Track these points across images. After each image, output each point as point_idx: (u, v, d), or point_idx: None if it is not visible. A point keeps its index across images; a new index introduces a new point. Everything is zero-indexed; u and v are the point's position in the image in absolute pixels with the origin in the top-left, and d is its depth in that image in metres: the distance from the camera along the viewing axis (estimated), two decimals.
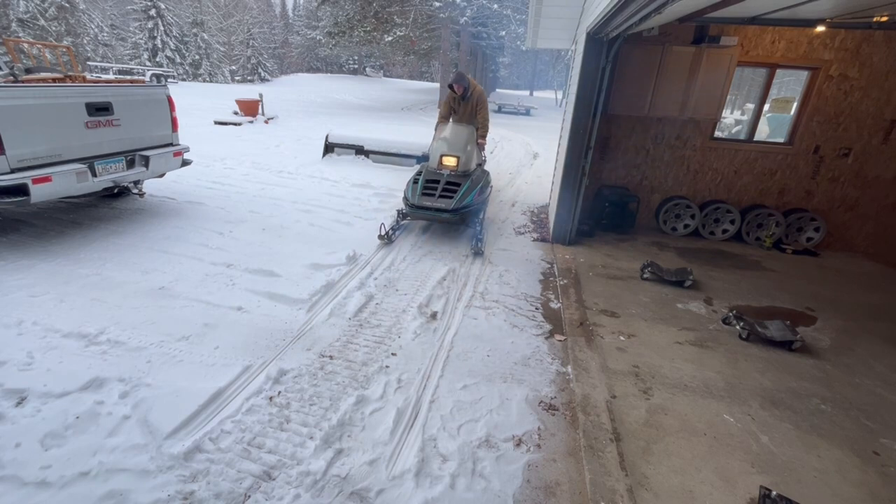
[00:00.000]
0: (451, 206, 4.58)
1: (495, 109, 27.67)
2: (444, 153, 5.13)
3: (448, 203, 4.61)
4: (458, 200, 4.64)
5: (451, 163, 5.05)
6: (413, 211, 4.74)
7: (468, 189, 4.80)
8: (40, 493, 1.83)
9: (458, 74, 5.60)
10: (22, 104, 3.71)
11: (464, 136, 5.29)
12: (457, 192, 4.72)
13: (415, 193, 4.78)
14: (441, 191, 4.76)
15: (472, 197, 4.77)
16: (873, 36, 4.72)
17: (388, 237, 4.78)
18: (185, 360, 2.71)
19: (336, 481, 1.99)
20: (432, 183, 4.89)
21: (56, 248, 4.09)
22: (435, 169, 5.12)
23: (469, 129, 5.39)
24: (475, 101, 5.69)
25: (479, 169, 5.50)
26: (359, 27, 23.81)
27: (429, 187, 4.85)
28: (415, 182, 4.97)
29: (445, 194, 4.73)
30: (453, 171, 5.01)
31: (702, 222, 5.66)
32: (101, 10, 36.38)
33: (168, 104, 5.10)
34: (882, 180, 5.25)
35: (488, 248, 4.99)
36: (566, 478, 2.11)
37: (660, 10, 2.68)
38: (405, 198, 4.89)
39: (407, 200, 4.83)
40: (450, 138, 5.30)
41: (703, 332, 3.45)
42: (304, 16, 50.78)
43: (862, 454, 2.31)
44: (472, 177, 5.00)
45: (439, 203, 4.62)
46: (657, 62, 4.89)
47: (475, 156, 5.41)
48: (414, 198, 4.74)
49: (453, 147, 5.21)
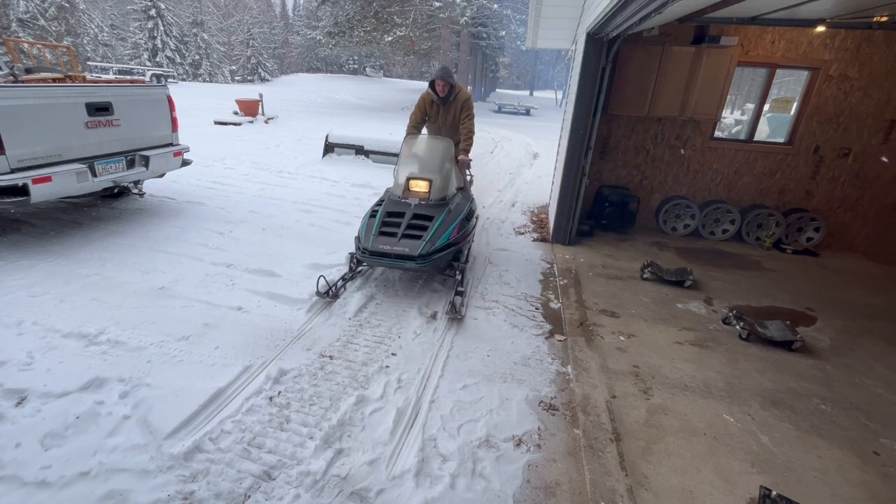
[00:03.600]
0: (419, 251, 3.36)
1: (495, 109, 27.67)
2: (412, 175, 3.92)
3: (414, 246, 3.39)
4: (429, 242, 3.43)
5: (422, 189, 3.86)
6: (366, 257, 3.49)
7: (443, 224, 3.60)
8: (40, 493, 1.83)
9: (444, 69, 4.43)
10: (22, 104, 3.71)
11: (439, 152, 4.15)
12: (427, 230, 3.51)
13: (369, 233, 3.55)
14: (406, 228, 3.53)
15: (449, 235, 3.55)
16: (873, 36, 4.72)
17: (331, 293, 3.57)
18: (185, 360, 2.70)
19: (336, 481, 1.99)
20: (395, 217, 3.66)
21: (56, 248, 4.09)
22: (400, 197, 3.86)
23: (446, 144, 4.21)
24: (459, 106, 4.52)
25: (461, 194, 4.25)
26: (359, 27, 23.82)
27: (389, 223, 3.61)
28: (372, 215, 3.74)
29: (412, 233, 3.51)
30: (424, 199, 3.80)
31: (702, 222, 5.66)
32: (101, 10, 36.38)
33: (168, 104, 5.10)
34: (882, 180, 5.25)
35: (487, 248, 4.96)
36: (566, 478, 2.11)
37: (660, 10, 2.68)
38: (357, 237, 3.66)
39: (359, 242, 3.59)
40: (421, 155, 4.24)
41: (703, 332, 3.45)
42: (304, 16, 50.79)
43: (862, 454, 2.31)
44: (449, 206, 3.82)
45: (402, 247, 3.40)
46: (657, 62, 4.89)
47: (454, 177, 4.18)
48: (367, 239, 3.49)
49: (425, 167, 4.10)
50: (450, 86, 4.44)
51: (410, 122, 4.68)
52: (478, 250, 4.88)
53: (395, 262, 3.42)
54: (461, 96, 4.52)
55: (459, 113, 4.55)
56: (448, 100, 4.52)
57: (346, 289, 3.75)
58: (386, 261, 3.44)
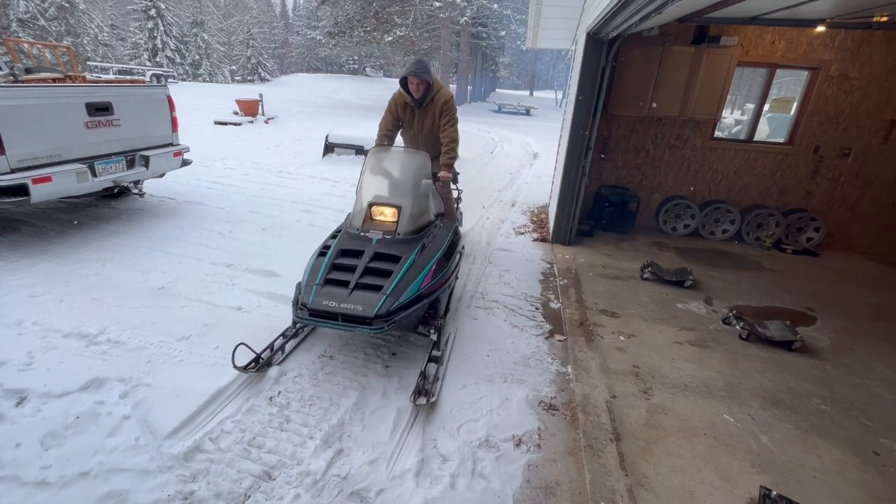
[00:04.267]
0: (376, 310, 2.43)
1: (495, 109, 27.67)
2: (375, 200, 3.05)
3: (370, 303, 2.46)
4: (391, 296, 2.51)
5: (388, 218, 3.02)
6: (304, 318, 2.54)
7: (413, 268, 2.70)
8: (40, 493, 1.83)
9: (417, 63, 3.59)
10: (22, 104, 3.71)
11: (412, 170, 3.34)
12: (391, 278, 2.60)
13: (312, 281, 2.62)
14: (362, 275, 2.62)
15: (420, 283, 2.65)
16: (873, 36, 4.72)
17: (260, 361, 2.66)
18: (186, 360, 2.70)
19: (336, 481, 1.99)
20: (349, 258, 2.75)
21: (56, 248, 4.09)
22: (358, 230, 2.96)
23: (420, 159, 3.37)
24: (438, 109, 3.73)
25: (442, 223, 3.40)
26: (359, 27, 23.83)
27: (341, 268, 2.69)
28: (321, 253, 2.83)
29: (369, 282, 2.58)
30: (391, 233, 2.93)
31: (702, 222, 5.66)
32: (101, 10, 36.37)
33: (168, 104, 5.10)
34: (882, 180, 5.25)
35: (487, 248, 4.95)
36: (566, 478, 2.11)
37: (660, 10, 2.68)
38: (298, 285, 2.72)
39: (298, 293, 2.66)
40: (388, 173, 3.39)
41: (703, 332, 3.45)
42: (304, 16, 50.80)
43: (862, 454, 2.31)
44: (424, 241, 2.96)
45: (352, 304, 2.46)
46: (657, 62, 4.89)
47: (432, 202, 3.39)
48: (308, 291, 2.57)
49: (393, 189, 3.28)
50: (426, 84, 3.59)
51: (380, 129, 3.86)
52: (478, 250, 4.87)
53: (344, 325, 2.48)
54: (440, 97, 3.71)
55: (439, 118, 3.74)
56: (424, 101, 3.71)
57: (286, 350, 2.85)
58: (330, 324, 2.50)
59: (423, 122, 3.83)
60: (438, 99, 3.72)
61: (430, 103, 3.74)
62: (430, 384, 2.59)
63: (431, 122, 3.80)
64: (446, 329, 3.23)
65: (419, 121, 3.84)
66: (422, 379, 2.59)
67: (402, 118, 3.88)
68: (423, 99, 3.70)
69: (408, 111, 3.84)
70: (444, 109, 3.73)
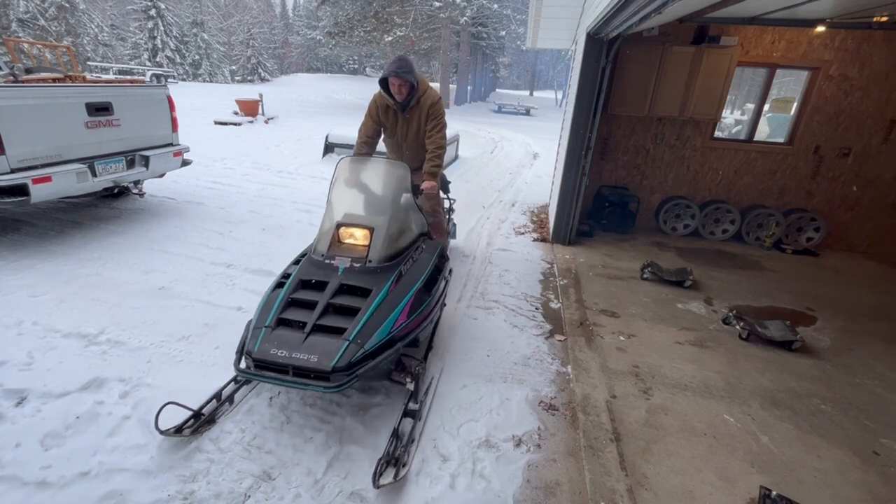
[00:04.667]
0: (334, 362, 1.93)
1: (495, 109, 27.66)
2: (344, 220, 2.61)
3: (328, 352, 1.97)
4: (355, 342, 2.01)
5: (358, 242, 2.56)
6: (247, 374, 2.03)
7: (385, 304, 2.22)
8: (40, 493, 1.83)
9: (399, 61, 3.16)
10: (22, 104, 3.71)
11: (388, 183, 2.87)
12: (357, 318, 2.12)
13: (262, 321, 2.14)
14: (323, 313, 2.14)
15: (393, 323, 2.17)
16: (873, 36, 4.72)
17: (191, 422, 2.16)
18: (186, 360, 2.70)
19: (336, 481, 1.99)
20: (310, 289, 2.30)
21: (56, 248, 4.09)
22: (323, 255, 2.49)
23: (398, 171, 2.89)
24: (425, 114, 3.34)
25: (423, 245, 2.91)
26: (359, 27, 23.84)
27: (299, 304, 2.24)
28: (279, 285, 2.37)
29: (329, 325, 2.09)
30: (360, 259, 2.44)
31: (702, 222, 5.66)
32: (101, 10, 36.39)
33: (168, 104, 5.10)
34: (882, 180, 5.25)
35: (488, 249, 4.95)
36: (566, 478, 2.11)
37: (660, 10, 2.68)
38: (246, 330, 2.20)
39: (245, 337, 2.14)
40: (361, 188, 2.89)
41: (703, 332, 3.45)
42: (304, 16, 50.80)
43: (862, 454, 2.31)
44: (400, 269, 2.49)
45: (306, 353, 1.97)
46: (657, 62, 4.89)
47: (413, 221, 2.92)
48: (254, 337, 2.07)
49: (368, 206, 2.81)
50: (409, 85, 3.20)
51: (359, 135, 3.46)
52: (478, 250, 4.87)
53: (294, 381, 1.95)
54: (427, 99, 3.32)
55: (425, 122, 3.36)
56: (409, 105, 3.31)
57: (226, 408, 2.33)
58: (277, 379, 1.98)
59: (407, 128, 3.43)
60: (424, 101, 3.32)
61: (415, 106, 3.34)
62: (401, 448, 2.10)
63: (417, 128, 3.41)
64: (429, 372, 2.71)
65: (403, 126, 3.44)
66: (393, 441, 2.08)
67: (384, 123, 3.47)
68: (408, 102, 3.29)
69: (390, 115, 3.43)
70: (430, 113, 3.33)
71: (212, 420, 2.25)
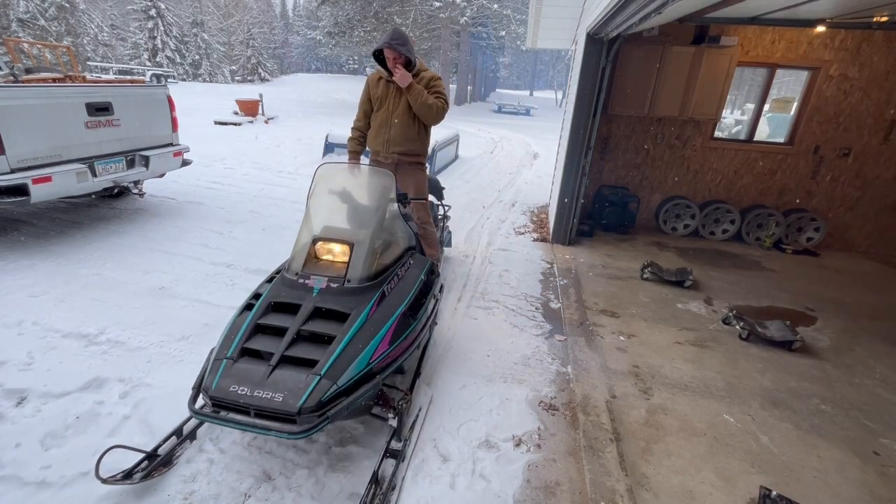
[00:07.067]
0: (301, 402, 1.64)
1: (495, 109, 27.68)
2: (322, 233, 2.31)
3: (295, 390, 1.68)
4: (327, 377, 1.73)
5: (336, 257, 2.29)
6: (202, 416, 1.73)
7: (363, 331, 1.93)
8: (40, 493, 1.83)
9: (395, 32, 2.97)
10: (22, 104, 3.71)
11: (372, 192, 2.57)
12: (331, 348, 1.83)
13: (223, 353, 1.86)
14: (291, 344, 1.85)
15: (369, 356, 1.88)
16: (873, 36, 4.72)
17: (153, 463, 1.94)
18: (186, 360, 2.70)
19: (336, 481, 1.99)
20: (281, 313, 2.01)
21: (56, 248, 4.09)
22: (297, 274, 2.16)
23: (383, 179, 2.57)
24: (425, 84, 3.10)
25: (411, 261, 2.57)
26: (359, 27, 23.84)
27: (266, 330, 1.96)
28: (247, 307, 2.09)
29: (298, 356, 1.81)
30: (338, 278, 2.11)
31: (702, 222, 5.66)
32: (101, 10, 36.39)
33: (168, 104, 5.10)
34: (882, 180, 5.25)
35: (488, 249, 4.94)
36: (566, 478, 2.11)
37: (660, 10, 2.68)
38: (203, 368, 1.89)
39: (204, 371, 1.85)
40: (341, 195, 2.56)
41: (703, 332, 3.45)
42: (304, 16, 50.83)
43: (862, 454, 2.31)
44: (383, 289, 2.18)
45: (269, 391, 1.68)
46: (657, 62, 4.89)
47: (400, 234, 2.63)
48: (213, 374, 1.78)
49: (348, 219, 2.49)
50: (405, 60, 2.96)
51: (355, 121, 3.28)
52: (478, 250, 4.87)
53: (255, 425, 1.67)
54: (427, 73, 3.13)
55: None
56: None
57: (182, 449, 2.07)
58: (236, 423, 1.69)
59: (399, 99, 3.08)
60: (425, 75, 3.11)
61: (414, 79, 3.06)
62: (381, 495, 1.86)
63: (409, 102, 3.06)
64: (416, 402, 2.42)
65: (394, 97, 3.09)
66: (371, 488, 1.85)
67: (375, 96, 3.15)
68: None
69: (381, 87, 3.11)
70: (430, 84, 3.09)
71: (168, 462, 1.98)
